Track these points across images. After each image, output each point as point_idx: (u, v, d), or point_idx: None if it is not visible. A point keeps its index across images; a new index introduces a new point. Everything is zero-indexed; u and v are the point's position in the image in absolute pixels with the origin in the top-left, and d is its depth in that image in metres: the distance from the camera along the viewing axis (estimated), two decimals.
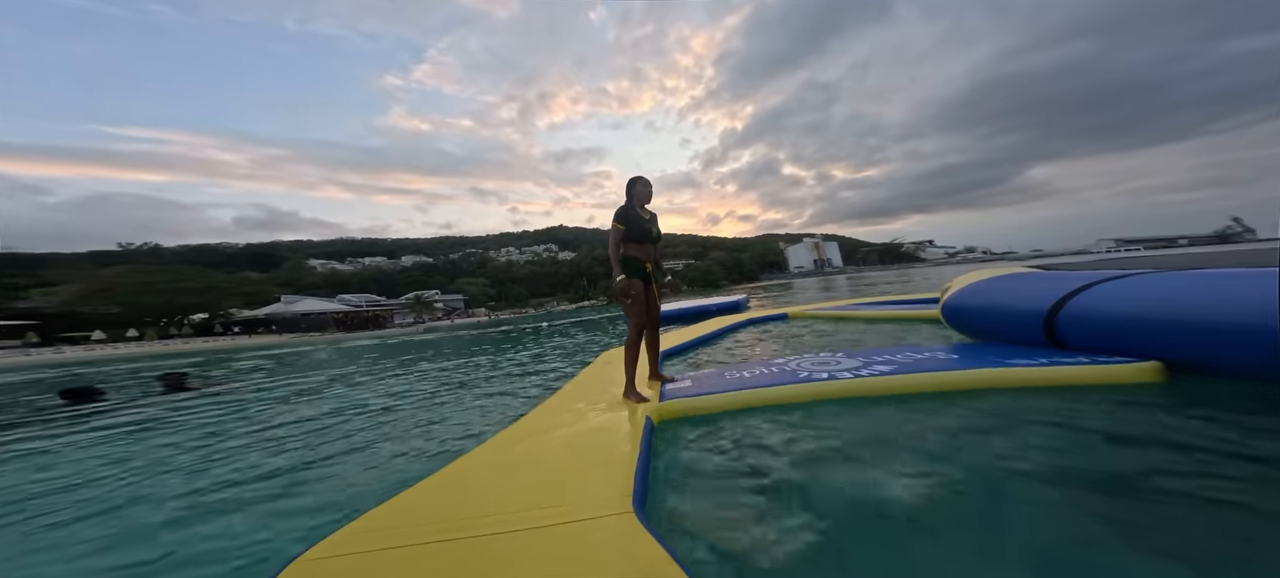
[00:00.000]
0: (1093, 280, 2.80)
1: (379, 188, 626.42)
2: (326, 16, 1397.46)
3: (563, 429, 2.24)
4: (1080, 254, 17.05)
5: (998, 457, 1.61)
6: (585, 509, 1.38)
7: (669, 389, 2.78)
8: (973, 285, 3.62)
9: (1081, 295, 2.72)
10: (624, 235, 2.77)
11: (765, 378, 2.68)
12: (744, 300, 11.09)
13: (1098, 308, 2.60)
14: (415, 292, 75.37)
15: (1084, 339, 2.65)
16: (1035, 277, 3.34)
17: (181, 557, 1.61)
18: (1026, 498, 1.36)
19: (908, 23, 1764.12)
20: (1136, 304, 2.45)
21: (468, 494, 1.62)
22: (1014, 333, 3.09)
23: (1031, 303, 2.95)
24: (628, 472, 1.60)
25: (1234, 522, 1.17)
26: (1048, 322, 2.79)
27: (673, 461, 1.93)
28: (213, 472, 2.54)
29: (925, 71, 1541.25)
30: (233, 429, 3.63)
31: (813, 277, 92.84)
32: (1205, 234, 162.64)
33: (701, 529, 1.38)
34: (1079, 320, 2.66)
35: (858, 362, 2.86)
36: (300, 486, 2.19)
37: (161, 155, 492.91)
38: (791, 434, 2.01)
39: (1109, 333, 2.52)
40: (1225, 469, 1.41)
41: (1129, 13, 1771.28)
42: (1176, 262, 3.31)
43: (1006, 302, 3.20)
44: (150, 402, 5.38)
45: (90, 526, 1.96)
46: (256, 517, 1.87)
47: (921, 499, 1.38)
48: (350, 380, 6.06)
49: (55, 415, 5.04)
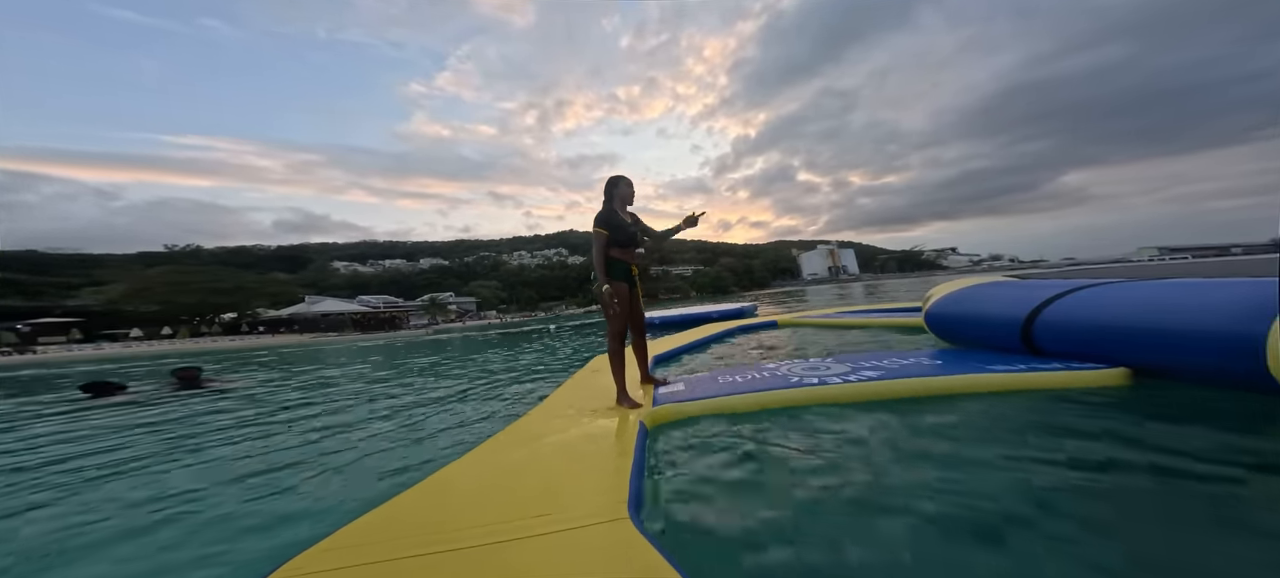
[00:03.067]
0: (1065, 289, 2.85)
1: (402, 192, 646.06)
2: (355, 26, 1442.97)
3: (554, 436, 2.19)
4: (1120, 262, 16.40)
5: (972, 461, 1.66)
6: (579, 517, 1.34)
7: (662, 393, 2.77)
8: (954, 294, 3.67)
9: (1055, 304, 2.78)
10: (609, 240, 2.69)
11: (757, 383, 2.69)
12: (752, 307, 10.85)
13: (1069, 316, 2.67)
14: (430, 294, 77.40)
15: (1058, 346, 2.70)
16: (1013, 285, 3.39)
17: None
18: (992, 495, 1.43)
19: (930, 30, 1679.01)
20: (1104, 312, 2.52)
21: (451, 504, 1.55)
22: (993, 340, 3.15)
23: (1009, 311, 3.01)
24: (622, 477, 1.57)
25: (1175, 516, 1.28)
26: (1024, 329, 2.85)
27: (667, 465, 1.91)
28: (170, 480, 2.43)
29: (948, 78, 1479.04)
30: (210, 429, 3.66)
31: (827, 284, 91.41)
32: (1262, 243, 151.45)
33: (698, 534, 1.38)
34: (1053, 328, 2.72)
35: (846, 367, 2.91)
36: (262, 500, 2.03)
37: (208, 161, 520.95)
38: (784, 437, 2.02)
39: (1080, 340, 2.58)
40: (1173, 468, 1.50)
41: (1159, 17, 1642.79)
42: (1146, 272, 3.30)
43: (985, 310, 3.27)
44: (163, 398, 5.55)
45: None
46: (206, 534, 1.73)
47: (908, 500, 1.42)
48: (349, 382, 6.32)
49: (51, 409, 5.36)
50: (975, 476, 1.55)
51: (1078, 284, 2.91)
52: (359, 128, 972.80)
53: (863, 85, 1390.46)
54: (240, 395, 5.56)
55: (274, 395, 5.45)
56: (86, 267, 65.66)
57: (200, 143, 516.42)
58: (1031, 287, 3.16)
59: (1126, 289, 2.59)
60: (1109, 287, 2.72)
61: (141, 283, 47.09)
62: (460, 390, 4.60)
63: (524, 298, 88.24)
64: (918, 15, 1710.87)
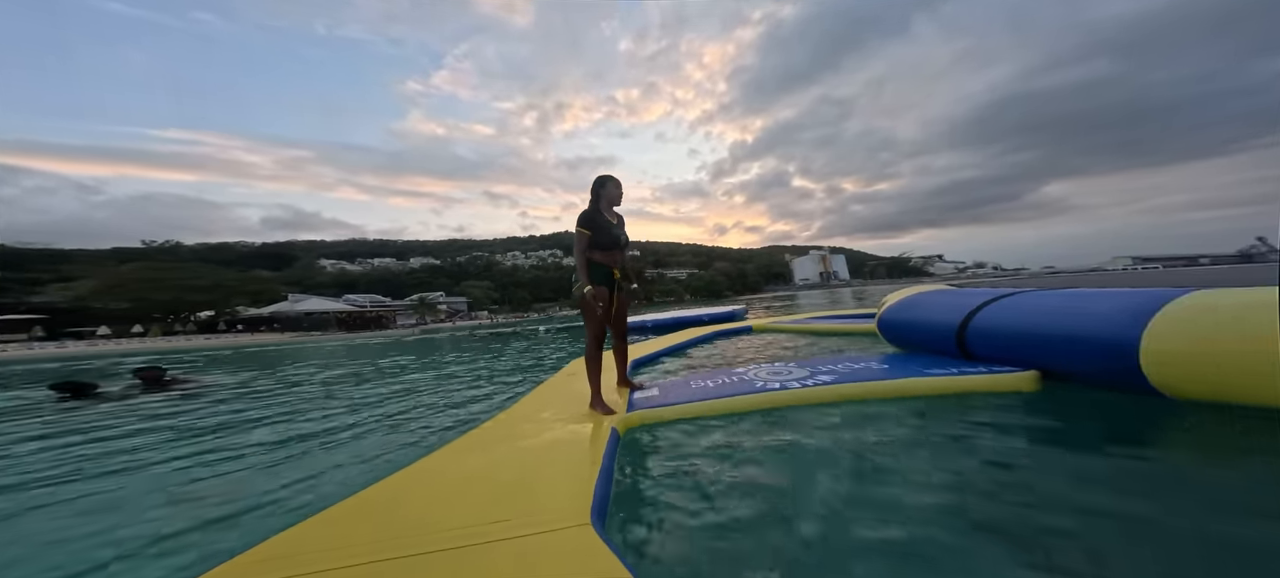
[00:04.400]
0: (992, 298, 3.06)
1: (396, 190, 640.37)
2: (355, 22, 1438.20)
3: (521, 440, 2.16)
4: (1095, 271, 16.73)
5: (896, 469, 1.74)
6: (539, 523, 1.31)
7: (637, 398, 2.79)
8: (902, 301, 3.90)
9: (982, 312, 2.98)
10: (591, 242, 2.62)
11: (727, 388, 2.83)
12: (742, 311, 10.97)
13: (993, 323, 2.89)
14: (420, 294, 76.06)
15: (985, 351, 2.91)
16: (952, 293, 3.58)
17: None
18: (908, 500, 1.52)
19: (927, 41, 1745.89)
20: (1019, 319, 2.74)
21: (400, 512, 1.49)
22: (934, 345, 3.36)
23: (946, 318, 3.21)
24: (588, 483, 1.55)
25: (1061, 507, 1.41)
26: (959, 335, 3.05)
27: (636, 470, 1.92)
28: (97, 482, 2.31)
29: (943, 89, 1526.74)
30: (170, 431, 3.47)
31: (818, 289, 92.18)
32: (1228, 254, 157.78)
33: (659, 540, 1.39)
34: (981, 334, 2.93)
35: (806, 372, 3.08)
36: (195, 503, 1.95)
37: (195, 156, 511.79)
38: (747, 442, 2.11)
39: (1002, 345, 2.79)
40: (1054, 466, 1.69)
41: (1149, 34, 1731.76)
42: (1056, 282, 3.69)
43: (927, 317, 3.48)
44: (121, 398, 5.31)
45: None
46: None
47: (858, 501, 1.50)
48: (321, 378, 6.27)
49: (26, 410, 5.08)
50: (900, 482, 1.64)
51: (1001, 293, 3.11)
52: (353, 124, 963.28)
53: (859, 94, 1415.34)
54: (209, 398, 5.29)
55: (222, 402, 5.05)
56: (55, 262, 63.08)
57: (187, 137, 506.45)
58: (966, 295, 3.37)
59: (1038, 298, 2.81)
60: (1025, 295, 2.92)
61: (113, 279, 45.68)
62: (438, 388, 4.46)
63: (517, 299, 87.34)
64: (914, 25, 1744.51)
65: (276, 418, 3.78)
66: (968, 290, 3.55)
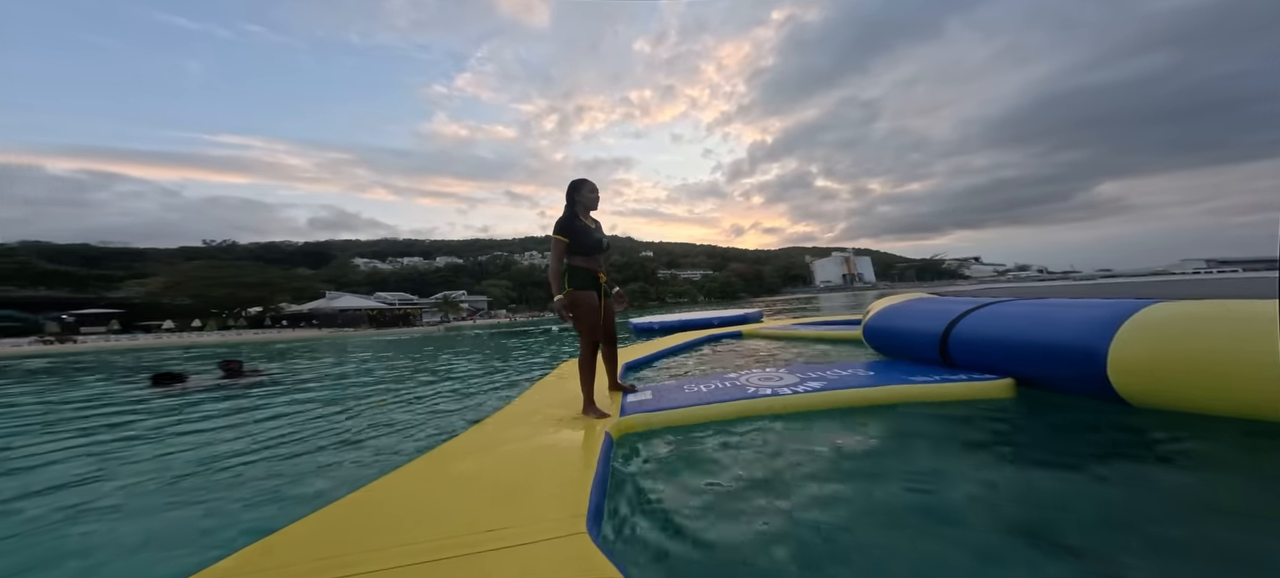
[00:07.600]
0: (973, 306, 3.10)
1: (423, 190, 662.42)
2: (386, 30, 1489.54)
3: (512, 445, 2.13)
4: (1161, 274, 15.70)
5: (877, 474, 1.81)
6: (532, 532, 1.28)
7: (630, 402, 2.78)
8: (887, 309, 3.93)
9: (964, 320, 3.02)
10: (569, 249, 2.58)
11: (719, 393, 2.85)
12: (758, 314, 10.66)
13: (973, 332, 2.93)
14: (443, 292, 79.08)
15: (966, 359, 2.95)
16: (936, 301, 3.61)
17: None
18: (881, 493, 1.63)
19: (961, 42, 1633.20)
20: (997, 328, 2.79)
21: (382, 520, 1.44)
22: (917, 353, 3.40)
23: (929, 326, 3.25)
24: (583, 489, 1.51)
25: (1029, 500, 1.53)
26: (942, 343, 3.09)
27: (630, 476, 1.91)
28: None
29: (979, 88, 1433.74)
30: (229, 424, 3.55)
31: (841, 292, 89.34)
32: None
33: (655, 547, 1.39)
34: (962, 342, 2.97)
35: (795, 378, 3.12)
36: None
37: (246, 160, 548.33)
38: (739, 447, 2.14)
39: (981, 353, 2.84)
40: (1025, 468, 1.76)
41: (1206, 25, 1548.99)
42: (1034, 292, 3.61)
43: (911, 325, 3.51)
44: (216, 387, 5.71)
45: None
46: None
47: (842, 506, 1.54)
48: (368, 370, 6.81)
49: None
50: (895, 484, 1.70)
51: (983, 302, 3.14)
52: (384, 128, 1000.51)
53: (888, 95, 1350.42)
54: (284, 386, 5.69)
55: (301, 384, 5.73)
56: (131, 260, 69.28)
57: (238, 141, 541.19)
58: (949, 303, 3.40)
59: (1015, 306, 2.87)
60: (1004, 304, 2.97)
61: (178, 276, 49.64)
62: (444, 383, 4.79)
63: (534, 298, 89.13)
64: (947, 28, 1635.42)
65: (364, 394, 4.62)
66: (950, 299, 3.57)
